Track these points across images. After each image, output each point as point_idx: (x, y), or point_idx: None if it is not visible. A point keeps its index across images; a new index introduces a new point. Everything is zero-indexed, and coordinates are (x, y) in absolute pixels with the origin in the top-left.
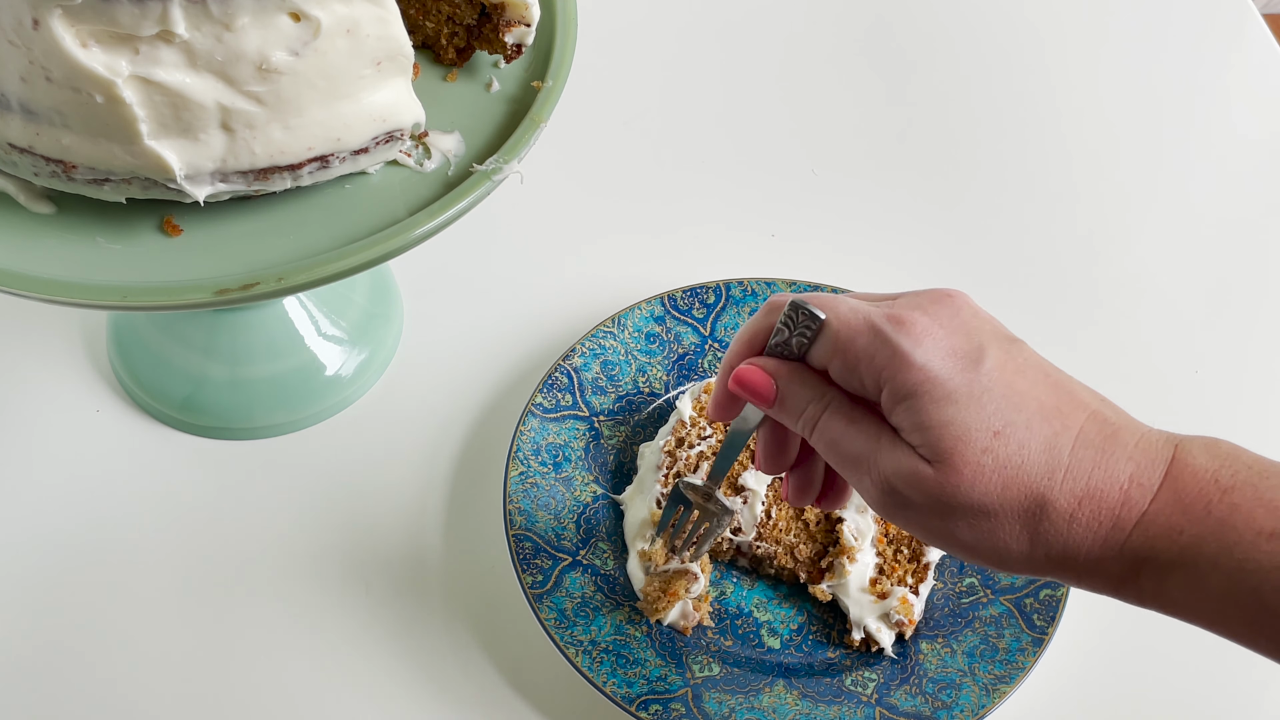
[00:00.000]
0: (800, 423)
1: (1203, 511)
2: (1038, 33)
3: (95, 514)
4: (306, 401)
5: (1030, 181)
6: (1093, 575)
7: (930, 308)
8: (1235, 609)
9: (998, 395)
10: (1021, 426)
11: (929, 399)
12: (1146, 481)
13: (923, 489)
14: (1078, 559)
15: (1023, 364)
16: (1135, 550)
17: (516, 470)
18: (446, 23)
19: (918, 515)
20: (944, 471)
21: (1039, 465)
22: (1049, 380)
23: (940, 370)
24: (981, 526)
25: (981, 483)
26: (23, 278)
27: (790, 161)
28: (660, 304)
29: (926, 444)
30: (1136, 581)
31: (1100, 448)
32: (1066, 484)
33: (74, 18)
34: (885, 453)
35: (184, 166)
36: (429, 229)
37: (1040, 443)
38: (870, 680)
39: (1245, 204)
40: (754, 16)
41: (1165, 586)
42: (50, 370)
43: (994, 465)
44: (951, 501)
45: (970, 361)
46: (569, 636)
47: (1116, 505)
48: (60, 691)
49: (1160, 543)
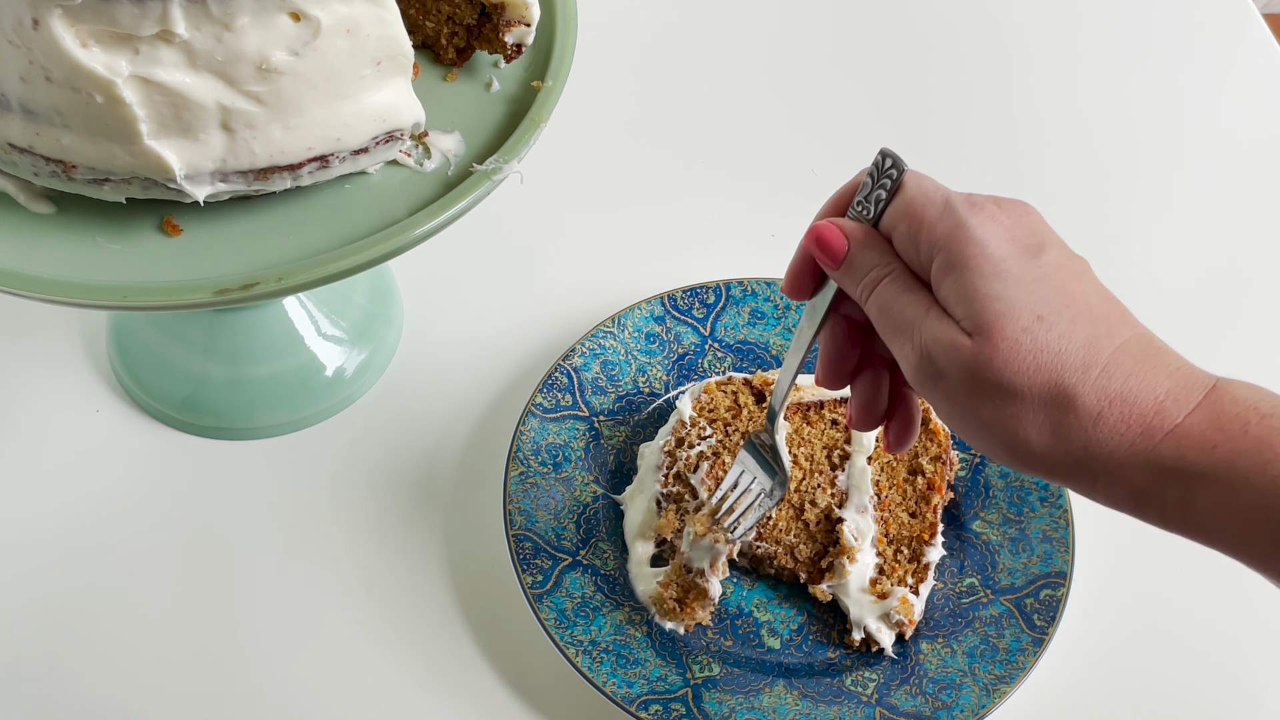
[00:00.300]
0: (861, 286)
1: (1239, 431)
2: (1038, 33)
3: (95, 514)
4: (306, 401)
5: (1030, 181)
6: (1112, 482)
7: (1005, 203)
8: (1266, 526)
9: (1050, 286)
10: (1066, 319)
11: (978, 273)
12: (1184, 398)
13: (958, 359)
14: (1097, 460)
15: (1081, 272)
16: (1163, 459)
17: (516, 470)
18: (446, 23)
19: (947, 388)
20: (980, 344)
21: (1076, 358)
22: (1104, 295)
23: (997, 249)
24: (1005, 409)
25: (1015, 361)
26: (23, 278)
27: (790, 161)
28: (660, 304)
29: (969, 315)
30: (1160, 492)
31: (1141, 359)
32: (1100, 382)
33: (74, 18)
34: (931, 321)
35: (184, 166)
36: (429, 229)
37: (1082, 338)
38: (870, 680)
39: (1245, 203)
40: (754, 16)
41: (1191, 500)
42: (50, 370)
43: (1031, 346)
44: (982, 376)
45: (1029, 251)
46: (569, 636)
47: (1149, 413)
48: (60, 691)
49: (1192, 454)
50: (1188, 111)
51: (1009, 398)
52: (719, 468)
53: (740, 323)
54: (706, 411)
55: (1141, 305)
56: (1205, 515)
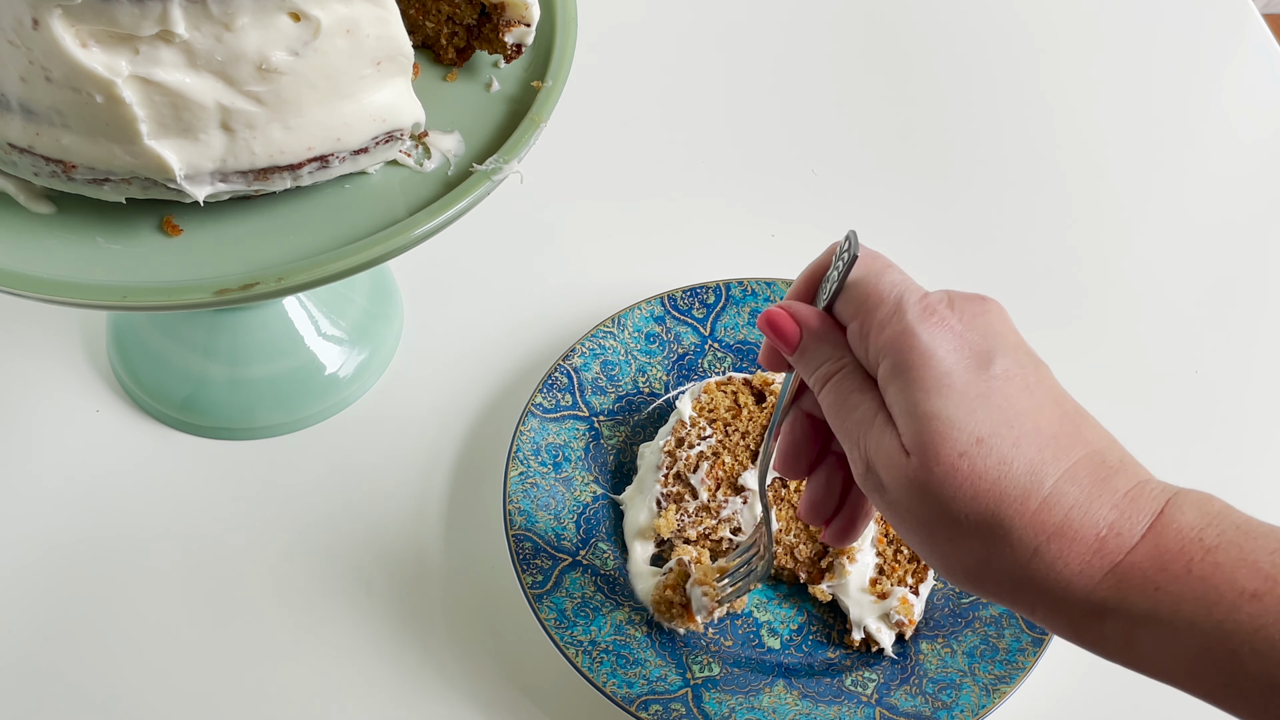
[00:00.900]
0: (814, 379)
1: (1183, 570)
2: (1037, 33)
3: (95, 514)
4: (306, 401)
5: (1030, 181)
6: (1049, 614)
7: (960, 303)
8: (1212, 670)
9: (994, 403)
10: (1009, 442)
11: (920, 386)
12: (1127, 532)
13: (897, 476)
14: (1032, 594)
15: (1034, 383)
16: (1103, 599)
17: (516, 470)
18: (446, 23)
19: (888, 500)
20: (918, 464)
21: (1015, 487)
22: (1058, 408)
23: (944, 360)
24: (940, 532)
25: (951, 486)
26: (23, 278)
27: (790, 161)
28: (660, 304)
29: (909, 433)
30: (1100, 630)
31: (1087, 488)
32: (1040, 515)
33: (74, 18)
34: (875, 431)
35: (184, 166)
36: (429, 229)
37: (1024, 464)
38: (870, 680)
39: (1245, 204)
40: (754, 17)
41: (1133, 640)
42: (50, 370)
43: (968, 472)
44: (918, 495)
45: (979, 362)
46: (569, 636)
47: (1089, 550)
48: (60, 691)
49: (1134, 595)
50: (1187, 112)
51: (944, 522)
52: (719, 468)
53: (740, 323)
54: (706, 411)
55: (1141, 305)
56: (1150, 655)
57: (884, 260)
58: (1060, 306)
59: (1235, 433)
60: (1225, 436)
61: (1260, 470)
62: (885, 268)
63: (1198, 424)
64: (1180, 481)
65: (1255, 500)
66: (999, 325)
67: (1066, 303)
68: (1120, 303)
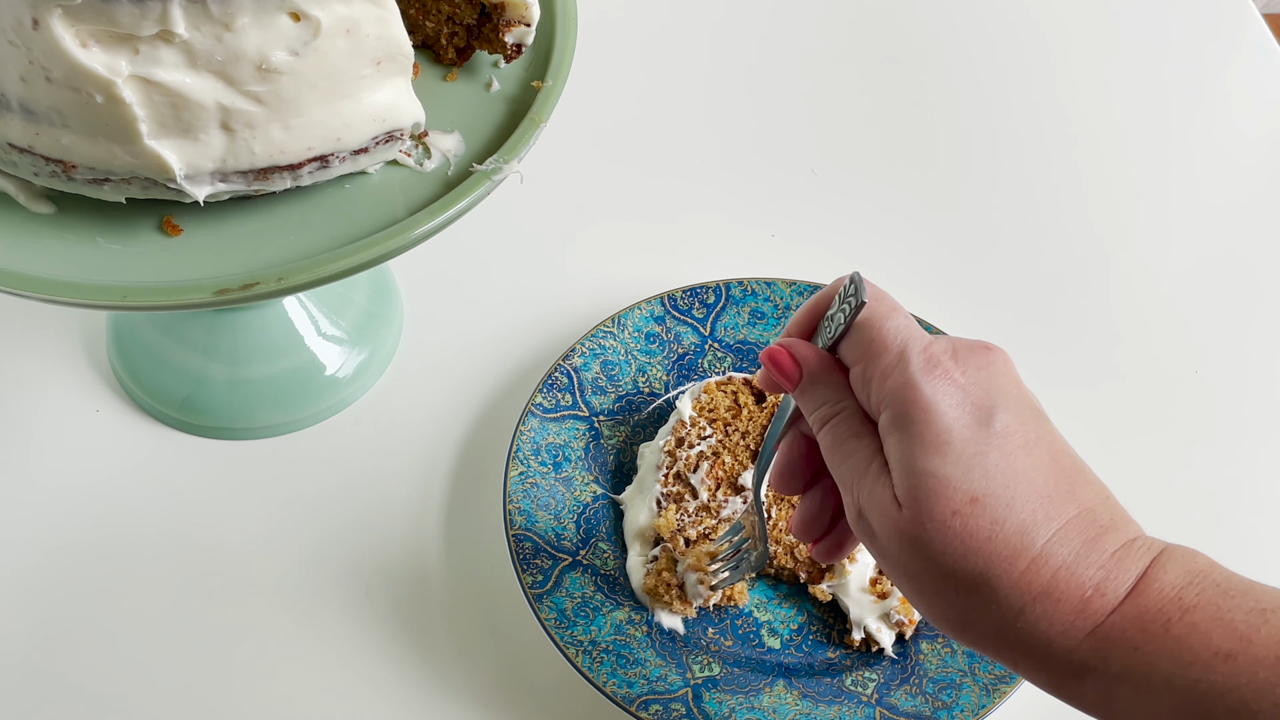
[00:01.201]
0: (814, 419)
1: (1160, 630)
2: (1038, 33)
3: (95, 514)
4: (306, 401)
5: (1030, 181)
6: (1030, 669)
7: (963, 354)
8: None
9: (991, 462)
10: (1003, 503)
11: (919, 442)
12: (1111, 592)
13: (888, 526)
14: (1015, 650)
15: (1034, 440)
16: (1084, 658)
17: (516, 470)
18: (446, 23)
19: (878, 548)
20: (910, 518)
21: (1006, 547)
22: (1055, 464)
23: (944, 415)
24: (926, 583)
25: (941, 543)
26: (23, 278)
27: (790, 161)
28: (660, 304)
29: (904, 485)
30: (1080, 685)
31: (1076, 548)
32: (1027, 576)
33: (74, 18)
34: (869, 480)
35: (184, 166)
36: (429, 229)
37: (1017, 524)
38: (870, 680)
39: (1245, 204)
40: (754, 17)
41: (1112, 697)
42: (50, 370)
43: (960, 531)
44: (908, 547)
45: (978, 418)
46: (569, 636)
47: (1073, 611)
48: (59, 691)
49: (1113, 655)
50: (1188, 112)
51: (932, 575)
52: (719, 467)
53: (740, 323)
54: (706, 411)
55: (1141, 305)
56: (1127, 712)
57: (890, 302)
58: (1060, 305)
59: (1235, 433)
60: (1225, 436)
61: (1260, 470)
62: (890, 311)
63: (1197, 424)
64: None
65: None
66: (1002, 378)
67: (1066, 302)
68: (1120, 302)
